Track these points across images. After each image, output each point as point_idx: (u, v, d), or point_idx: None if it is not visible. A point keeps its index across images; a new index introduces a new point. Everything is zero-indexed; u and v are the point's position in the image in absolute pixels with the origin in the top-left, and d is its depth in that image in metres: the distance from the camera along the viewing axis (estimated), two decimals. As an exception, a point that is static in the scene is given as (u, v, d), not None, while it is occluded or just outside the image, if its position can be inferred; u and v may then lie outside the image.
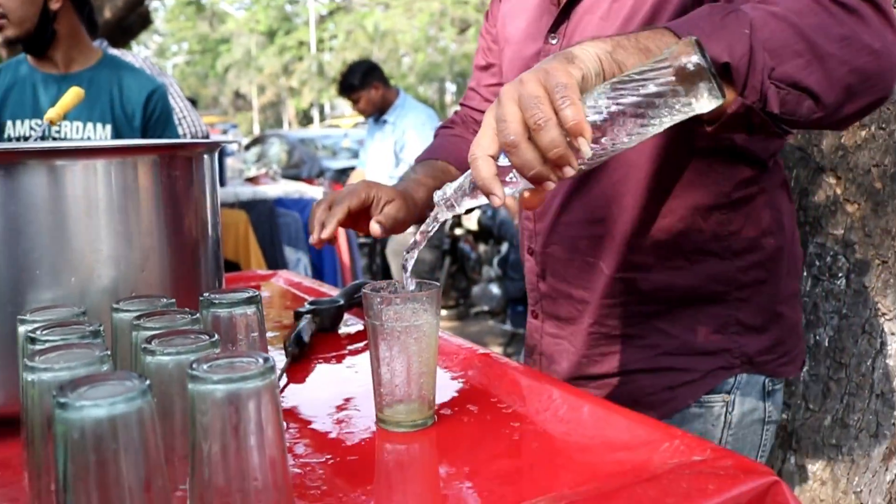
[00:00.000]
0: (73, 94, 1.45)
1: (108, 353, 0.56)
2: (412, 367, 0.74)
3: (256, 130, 28.47)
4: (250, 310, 0.72)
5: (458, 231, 4.74)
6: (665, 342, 1.06)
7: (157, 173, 0.81)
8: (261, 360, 0.52)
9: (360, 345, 1.09)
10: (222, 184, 3.93)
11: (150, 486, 0.48)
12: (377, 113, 3.82)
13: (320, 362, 1.02)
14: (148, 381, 0.48)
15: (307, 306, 1.14)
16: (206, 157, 0.88)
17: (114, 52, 2.45)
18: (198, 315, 0.67)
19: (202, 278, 0.87)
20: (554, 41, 1.06)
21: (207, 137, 2.72)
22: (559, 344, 1.15)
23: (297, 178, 6.96)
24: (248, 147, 10.20)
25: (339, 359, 1.04)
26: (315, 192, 3.71)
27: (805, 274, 1.39)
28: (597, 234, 1.07)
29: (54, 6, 1.94)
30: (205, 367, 0.51)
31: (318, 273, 3.45)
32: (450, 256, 4.74)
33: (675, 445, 0.66)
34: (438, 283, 0.78)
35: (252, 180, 3.90)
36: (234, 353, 0.54)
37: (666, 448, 0.66)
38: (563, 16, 1.05)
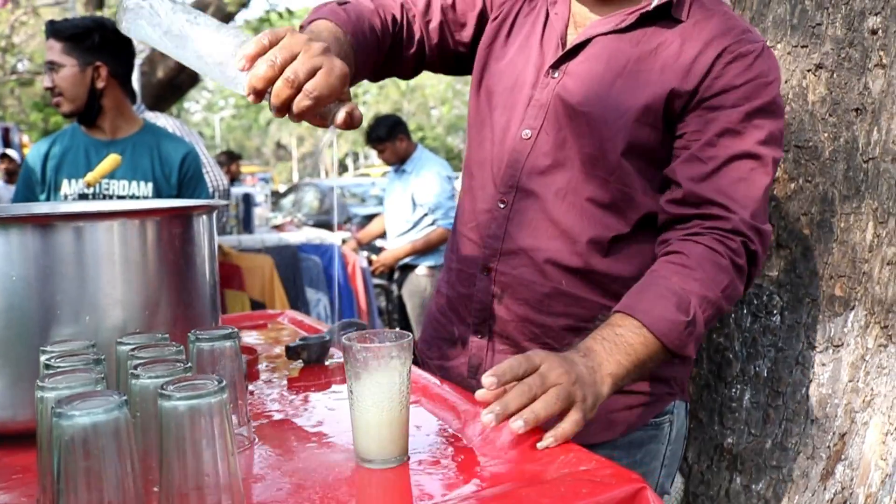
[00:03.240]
0: (111, 161, 1.60)
1: (103, 376, 0.68)
2: (383, 411, 0.78)
3: (296, 178, 29.05)
4: (228, 343, 0.83)
5: None
6: None
7: (161, 231, 0.93)
8: (215, 382, 0.63)
9: (344, 376, 1.19)
10: (250, 231, 4.10)
11: (125, 480, 0.59)
12: (398, 162, 3.98)
13: (306, 392, 1.12)
14: (125, 397, 0.59)
15: (298, 341, 1.25)
16: (203, 216, 1.00)
17: (149, 114, 2.64)
18: (181, 347, 0.78)
19: (199, 318, 0.99)
20: (556, 76, 1.12)
21: (227, 190, 2.89)
22: None
23: (327, 223, 7.16)
24: (284, 194, 10.49)
25: (325, 387, 1.14)
26: (334, 237, 3.86)
27: (745, 311, 1.47)
28: (574, 265, 1.09)
29: (100, 84, 2.14)
30: (172, 387, 0.62)
31: (336, 313, 3.58)
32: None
33: (569, 458, 0.76)
34: (411, 334, 0.82)
35: (278, 227, 4.05)
36: (198, 376, 0.65)
37: (561, 460, 0.76)
38: (568, 56, 1.12)
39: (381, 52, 1.13)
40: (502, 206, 1.14)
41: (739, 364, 1.45)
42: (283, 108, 0.81)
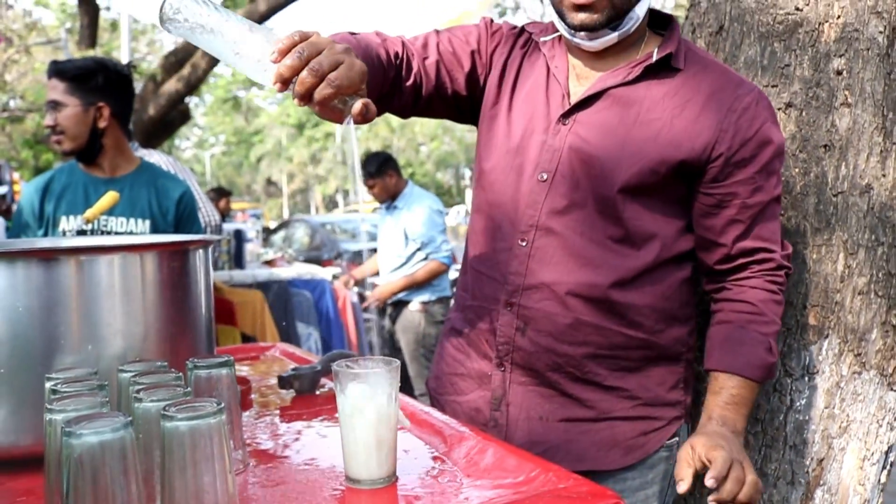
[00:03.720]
0: (109, 198, 1.65)
1: (108, 399, 0.72)
2: (372, 434, 0.82)
3: (286, 215, 29.18)
4: (224, 370, 0.87)
5: None
6: (644, 394, 1.22)
7: (159, 265, 0.98)
8: (214, 404, 0.67)
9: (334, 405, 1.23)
10: (241, 267, 4.14)
11: (130, 498, 0.63)
12: (389, 199, 4.05)
13: (298, 420, 1.16)
14: (130, 418, 0.64)
15: (289, 371, 1.29)
16: (200, 251, 1.05)
17: (143, 152, 2.70)
18: (180, 374, 0.83)
19: (194, 347, 1.04)
20: (566, 124, 1.20)
21: (219, 225, 2.94)
22: (533, 391, 1.22)
23: (317, 259, 7.20)
24: (275, 231, 10.55)
25: (316, 415, 1.18)
26: (325, 273, 3.90)
27: (725, 341, 1.52)
28: (594, 296, 1.18)
29: (102, 124, 2.20)
30: (173, 409, 0.67)
31: (327, 347, 3.61)
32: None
33: (549, 477, 0.80)
34: (397, 361, 0.86)
35: (269, 263, 4.10)
36: (198, 399, 0.69)
37: (542, 479, 0.80)
38: (579, 107, 1.20)
39: (386, 81, 1.21)
40: (523, 244, 1.21)
41: (720, 392, 1.50)
42: (306, 96, 0.89)
